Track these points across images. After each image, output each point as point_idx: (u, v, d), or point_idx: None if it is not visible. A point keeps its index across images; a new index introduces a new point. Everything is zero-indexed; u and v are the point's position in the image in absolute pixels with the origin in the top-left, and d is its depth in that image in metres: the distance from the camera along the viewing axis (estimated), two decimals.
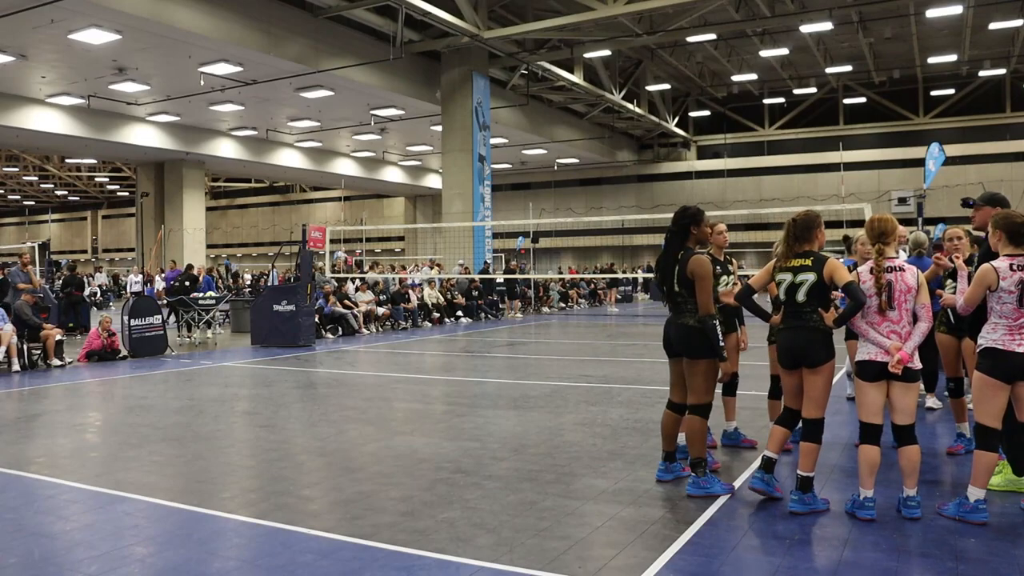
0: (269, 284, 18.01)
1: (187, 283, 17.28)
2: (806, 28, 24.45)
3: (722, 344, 4.85)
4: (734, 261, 6.34)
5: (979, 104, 37.02)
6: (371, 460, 5.88)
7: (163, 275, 24.51)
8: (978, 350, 4.50)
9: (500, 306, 23.13)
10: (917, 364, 4.45)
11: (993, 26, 26.59)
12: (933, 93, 37.47)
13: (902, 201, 21.46)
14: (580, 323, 21.04)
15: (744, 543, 4.11)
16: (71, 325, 16.78)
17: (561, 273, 35.52)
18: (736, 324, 6.03)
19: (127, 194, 55.73)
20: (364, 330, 17.48)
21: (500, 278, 24.33)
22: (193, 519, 4.56)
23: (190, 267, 18.84)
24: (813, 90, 37.79)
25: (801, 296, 4.60)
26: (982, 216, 5.16)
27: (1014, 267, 4.34)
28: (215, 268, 33.04)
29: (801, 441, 4.64)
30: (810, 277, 4.56)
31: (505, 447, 6.23)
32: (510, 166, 42.81)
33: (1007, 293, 4.34)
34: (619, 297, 30.31)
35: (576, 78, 28.83)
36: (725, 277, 5.89)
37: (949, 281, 5.91)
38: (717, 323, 4.83)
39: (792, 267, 4.65)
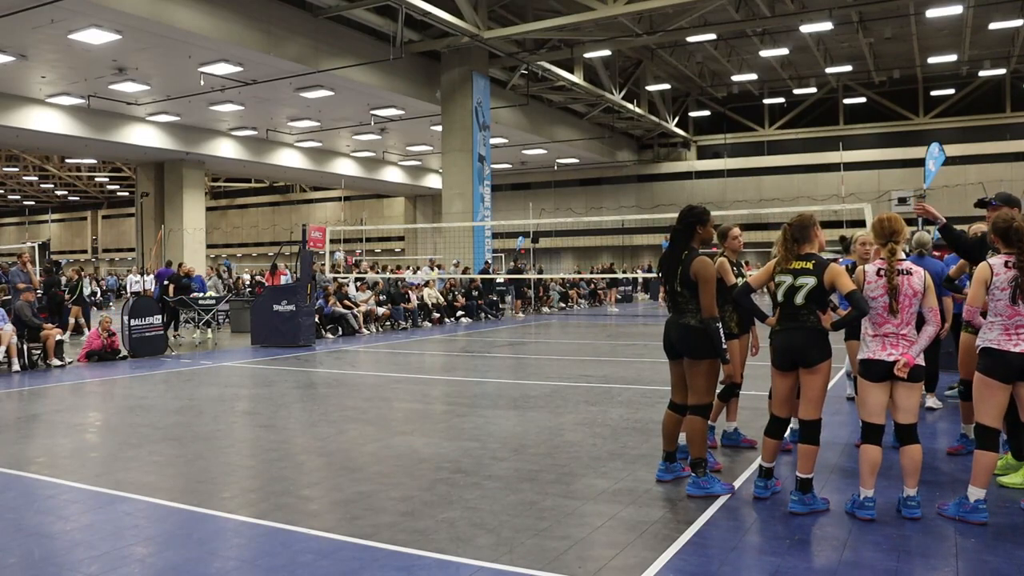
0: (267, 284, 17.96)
1: (181, 282, 17.04)
2: (806, 28, 24.44)
3: (725, 347, 4.85)
4: (743, 263, 6.32)
5: (979, 104, 37.01)
6: (371, 460, 5.88)
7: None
8: (977, 350, 4.52)
9: (500, 306, 23.14)
10: (921, 362, 4.44)
11: (993, 26, 26.59)
12: (933, 93, 37.46)
13: (902, 201, 21.38)
14: (580, 323, 21.04)
15: (744, 543, 4.11)
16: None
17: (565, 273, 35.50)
18: (749, 325, 5.98)
19: (127, 194, 55.72)
20: (364, 330, 17.48)
21: (501, 278, 24.36)
22: (193, 519, 4.56)
23: (179, 266, 18.56)
24: (813, 90, 37.79)
25: (799, 299, 4.59)
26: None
27: (1008, 264, 4.36)
28: (216, 267, 33.04)
29: (799, 443, 4.64)
30: (810, 281, 4.56)
31: (505, 447, 6.23)
32: (510, 166, 42.81)
33: (1000, 290, 4.36)
34: (619, 297, 30.30)
35: (576, 78, 28.83)
36: (739, 280, 5.87)
37: None
38: (720, 325, 4.82)
39: (793, 270, 4.64)
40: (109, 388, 10.01)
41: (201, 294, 16.99)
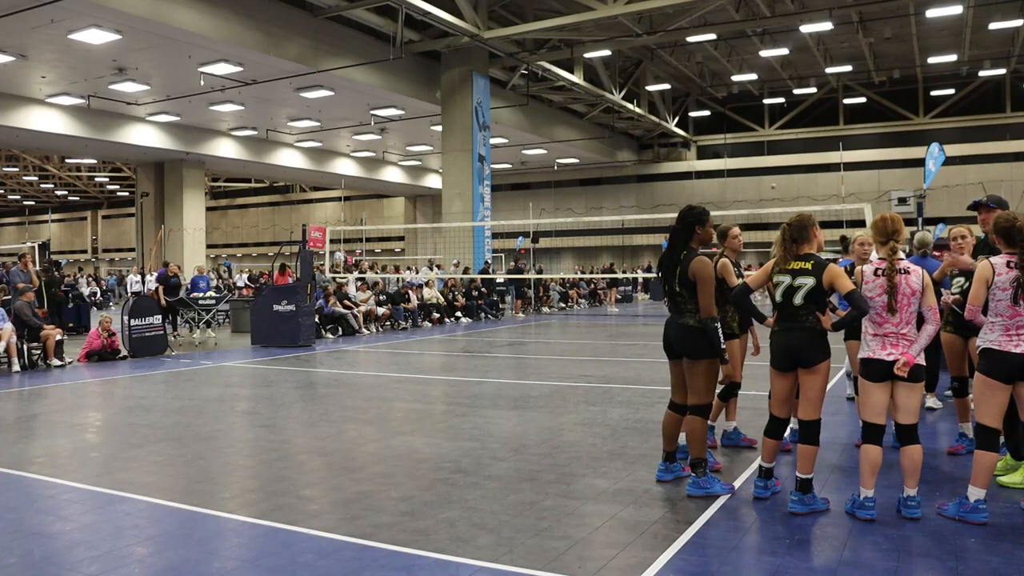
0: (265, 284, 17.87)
1: (169, 282, 16.76)
2: (806, 28, 24.45)
3: (723, 347, 4.85)
4: (741, 263, 6.32)
5: (979, 104, 37.00)
6: (371, 460, 5.88)
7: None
8: (978, 350, 4.52)
9: (500, 306, 23.15)
10: (921, 362, 4.44)
11: (993, 26, 26.59)
12: (933, 93, 37.46)
13: (902, 201, 21.41)
14: (580, 323, 21.04)
15: (744, 543, 4.11)
16: (70, 325, 16.77)
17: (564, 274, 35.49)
18: (748, 325, 5.98)
19: (127, 194, 55.71)
20: (364, 330, 17.48)
21: (501, 278, 24.36)
22: (193, 519, 4.56)
23: (167, 266, 18.28)
24: (813, 90, 37.79)
25: (798, 299, 4.59)
26: (991, 218, 5.25)
27: (1011, 264, 4.36)
28: (217, 267, 33.06)
29: (799, 444, 4.64)
30: (809, 282, 4.56)
31: (505, 447, 6.23)
32: (510, 166, 42.80)
33: (1001, 290, 4.36)
34: (619, 297, 30.31)
35: (576, 78, 28.82)
36: (739, 280, 5.88)
37: (957, 280, 5.91)
38: (719, 325, 4.83)
39: (791, 270, 4.63)
40: (109, 388, 10.00)
41: (201, 294, 16.97)
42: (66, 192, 58.00)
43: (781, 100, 39.66)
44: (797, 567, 3.78)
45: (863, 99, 38.02)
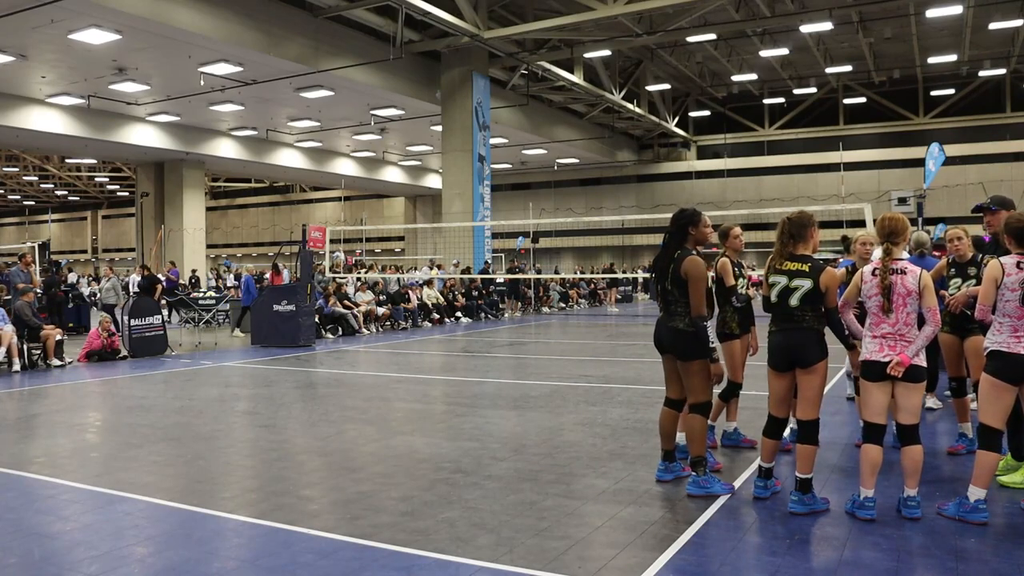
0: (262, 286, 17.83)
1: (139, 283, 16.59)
2: (806, 28, 24.46)
3: (713, 345, 4.85)
4: (744, 263, 6.31)
5: (979, 104, 37.01)
6: (371, 460, 5.88)
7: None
8: (985, 352, 4.51)
9: (500, 306, 23.16)
10: (921, 362, 4.43)
11: (993, 26, 26.60)
12: (933, 93, 37.46)
13: (902, 201, 21.42)
14: (580, 323, 21.04)
15: (744, 543, 4.11)
16: (70, 325, 16.76)
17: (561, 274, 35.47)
18: (748, 325, 6.00)
19: (127, 194, 55.71)
20: (364, 330, 17.47)
21: (501, 278, 24.36)
22: (193, 519, 4.56)
23: (143, 267, 18.23)
24: (813, 90, 37.80)
25: (795, 301, 4.60)
26: (996, 220, 5.26)
27: (1021, 265, 4.35)
28: (217, 267, 33.03)
29: (798, 444, 4.64)
30: (806, 284, 4.57)
31: (505, 447, 6.23)
32: (510, 166, 42.80)
33: (1010, 291, 4.35)
34: (619, 297, 30.31)
35: (576, 78, 28.83)
36: (741, 280, 5.90)
37: (954, 281, 5.90)
38: (708, 324, 4.83)
39: (788, 271, 4.64)
40: (109, 388, 10.00)
41: (202, 294, 16.95)
42: (66, 192, 57.99)
43: (781, 100, 39.68)
44: (797, 567, 3.78)
45: (863, 99, 38.03)
